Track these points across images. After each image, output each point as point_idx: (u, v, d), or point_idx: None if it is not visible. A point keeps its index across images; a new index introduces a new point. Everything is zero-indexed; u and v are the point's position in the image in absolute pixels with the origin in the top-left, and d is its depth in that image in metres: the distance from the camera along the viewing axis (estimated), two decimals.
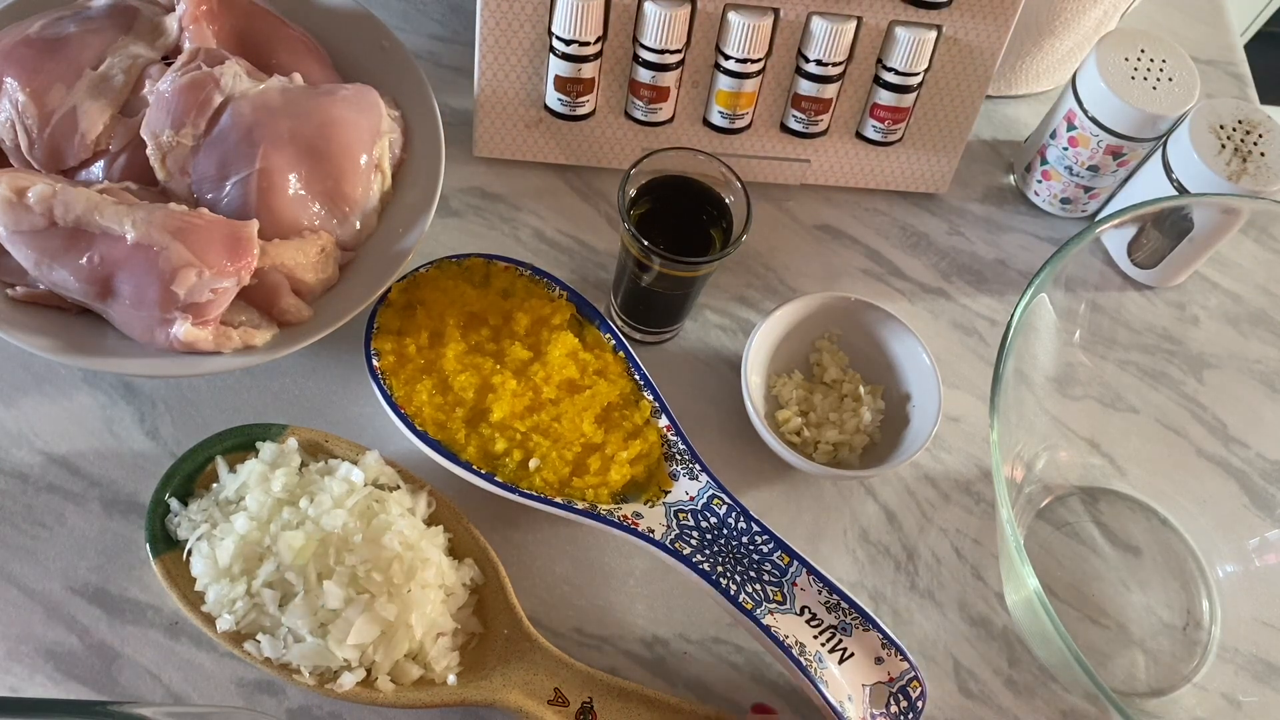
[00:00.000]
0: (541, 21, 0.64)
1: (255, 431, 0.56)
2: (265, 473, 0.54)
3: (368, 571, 0.51)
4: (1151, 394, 0.68)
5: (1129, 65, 0.68)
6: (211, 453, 0.56)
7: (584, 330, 0.62)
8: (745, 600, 0.54)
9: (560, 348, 0.60)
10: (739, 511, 0.57)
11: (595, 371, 0.61)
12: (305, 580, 0.51)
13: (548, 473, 0.57)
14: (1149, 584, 0.65)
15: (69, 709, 0.46)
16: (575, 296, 0.63)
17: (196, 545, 0.52)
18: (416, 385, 0.58)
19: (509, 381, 0.59)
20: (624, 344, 0.62)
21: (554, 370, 0.60)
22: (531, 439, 0.58)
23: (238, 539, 0.51)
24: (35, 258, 0.54)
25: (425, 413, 0.58)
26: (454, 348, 0.59)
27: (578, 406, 0.59)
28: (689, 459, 0.59)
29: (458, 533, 0.56)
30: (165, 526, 0.54)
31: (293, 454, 0.55)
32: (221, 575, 0.51)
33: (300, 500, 0.53)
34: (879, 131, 0.70)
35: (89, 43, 0.60)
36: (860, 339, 0.66)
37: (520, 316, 0.61)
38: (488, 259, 0.63)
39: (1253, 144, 0.66)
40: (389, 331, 0.60)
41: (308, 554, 0.51)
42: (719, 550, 0.56)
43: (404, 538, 0.52)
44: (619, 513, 0.57)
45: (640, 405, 0.60)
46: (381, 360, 0.59)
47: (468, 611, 0.55)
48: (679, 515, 0.57)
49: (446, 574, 0.54)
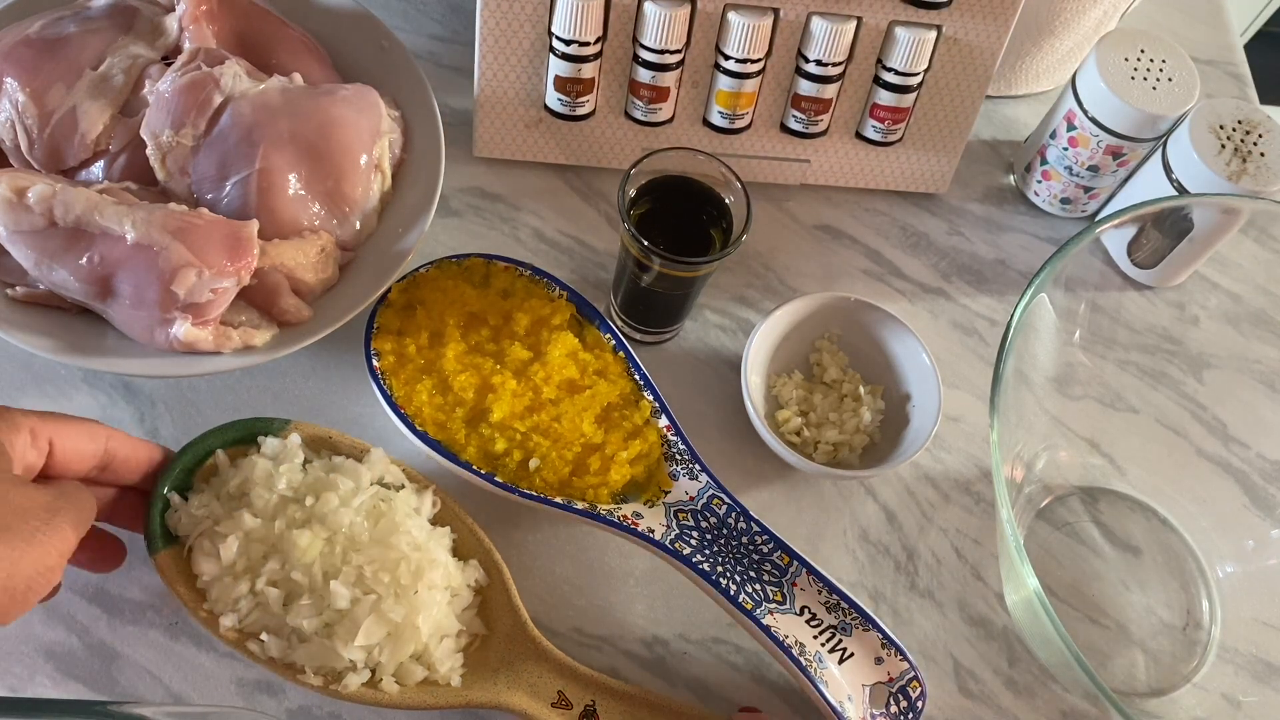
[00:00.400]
0: (541, 21, 0.64)
1: (258, 425, 0.55)
2: (269, 468, 0.53)
3: (375, 572, 0.50)
4: (1151, 394, 0.68)
5: (1129, 65, 0.68)
6: (212, 445, 0.54)
7: (584, 330, 0.62)
8: (745, 600, 0.54)
9: (560, 348, 0.60)
10: (739, 511, 0.57)
11: (595, 371, 0.61)
12: (311, 579, 0.50)
13: (548, 473, 0.57)
14: (1149, 584, 0.65)
15: (69, 709, 0.46)
16: (575, 296, 0.63)
17: (198, 542, 0.51)
18: (416, 385, 0.58)
19: (509, 381, 0.59)
20: (624, 344, 0.62)
21: (554, 370, 0.60)
22: (531, 439, 0.58)
23: (242, 536, 0.51)
24: (35, 258, 0.54)
25: (425, 413, 0.58)
26: (454, 348, 0.59)
27: (578, 406, 0.59)
28: (689, 459, 0.59)
29: (462, 533, 0.56)
30: (164, 522, 0.52)
31: (296, 449, 0.54)
32: (225, 572, 0.50)
33: (306, 498, 0.52)
34: (879, 131, 0.70)
35: (89, 43, 0.60)
36: (860, 339, 0.66)
37: (520, 316, 0.61)
38: (487, 259, 0.63)
39: (1253, 144, 0.66)
40: (389, 331, 0.60)
41: (314, 553, 0.50)
42: (719, 550, 0.56)
43: (412, 538, 0.52)
44: (619, 513, 0.57)
45: (640, 405, 0.60)
46: (381, 360, 0.59)
47: (472, 613, 0.55)
48: (679, 515, 0.57)
49: (453, 575, 0.53)
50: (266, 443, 0.54)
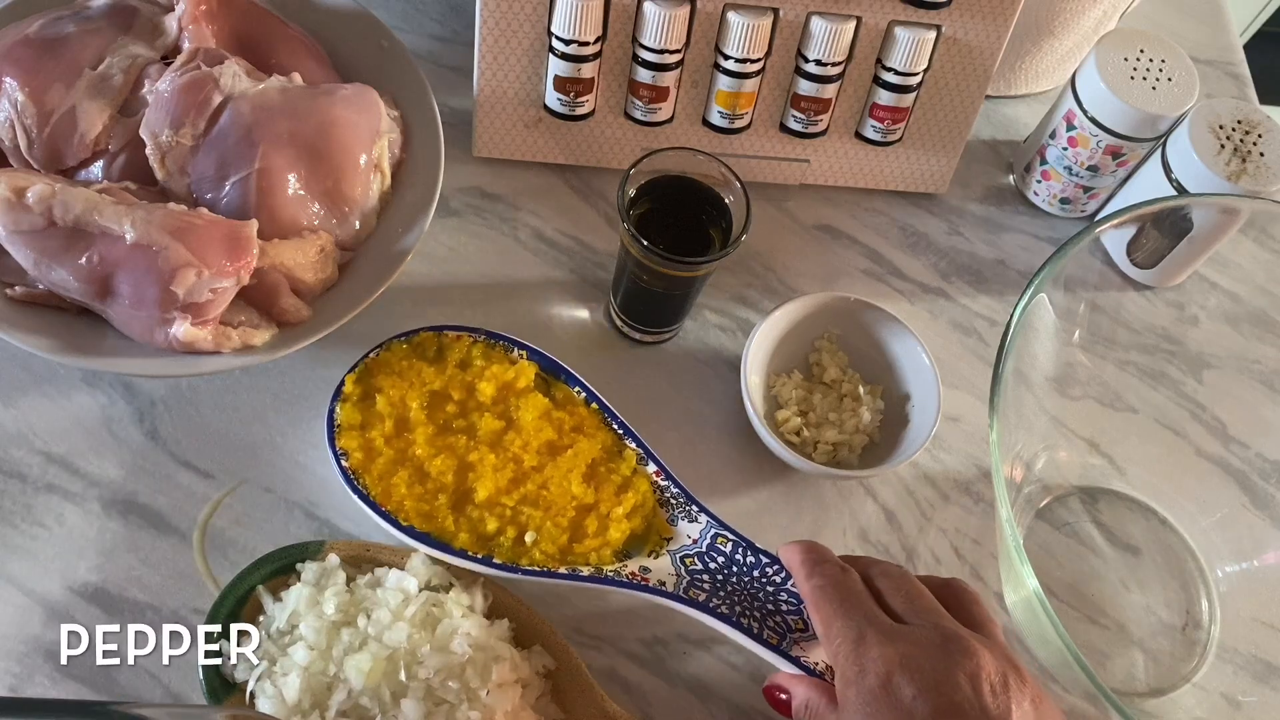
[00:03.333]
0: (541, 21, 0.64)
1: (292, 553, 0.54)
2: (314, 595, 0.51)
3: (442, 681, 0.49)
4: (1151, 394, 0.68)
5: (1128, 65, 0.68)
6: (252, 583, 0.53)
7: (551, 388, 0.60)
8: (770, 636, 0.53)
9: (531, 411, 0.58)
10: (744, 546, 0.56)
11: (572, 429, 0.59)
12: (380, 703, 0.49)
13: (546, 544, 0.55)
14: (1148, 584, 0.65)
15: (69, 709, 0.46)
16: (535, 354, 0.60)
17: (259, 686, 0.50)
18: (392, 479, 0.56)
19: (487, 456, 0.56)
20: (594, 394, 0.60)
21: (530, 436, 0.57)
22: (523, 512, 0.56)
23: (301, 672, 0.49)
24: (34, 258, 0.54)
25: (408, 505, 0.55)
26: (422, 431, 0.57)
27: (562, 469, 0.57)
28: (684, 501, 0.58)
29: (520, 620, 0.54)
30: (220, 671, 0.51)
31: (336, 570, 0.53)
32: (292, 713, 0.49)
33: (357, 619, 0.51)
34: (878, 131, 0.70)
35: (88, 43, 0.60)
36: (860, 339, 0.66)
37: (483, 386, 0.58)
38: (437, 330, 0.61)
39: (1252, 144, 0.66)
40: (351, 427, 0.57)
41: (378, 675, 0.49)
42: (732, 590, 0.54)
43: (472, 639, 0.50)
44: (626, 571, 0.55)
45: (625, 455, 0.58)
46: (350, 459, 0.56)
47: (546, 699, 0.53)
48: (685, 561, 0.56)
49: (520, 667, 0.52)
50: (306, 569, 0.53)
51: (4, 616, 0.55)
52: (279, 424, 0.61)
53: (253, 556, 0.54)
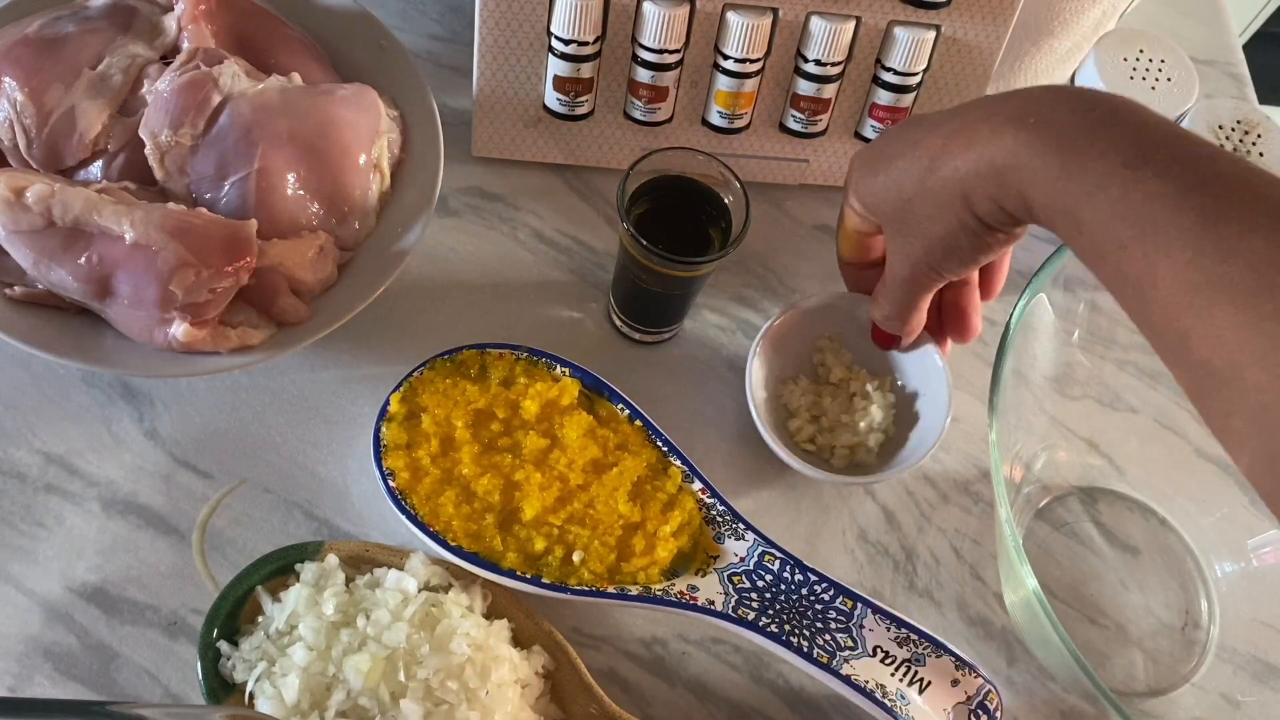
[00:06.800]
0: (540, 21, 0.64)
1: (291, 554, 0.54)
2: (313, 596, 0.52)
3: (442, 681, 0.49)
4: (1150, 394, 0.68)
5: (1128, 65, 0.68)
6: (250, 584, 0.53)
7: (595, 405, 0.60)
8: (820, 654, 0.53)
9: (575, 429, 0.58)
10: (792, 563, 0.56)
11: (617, 446, 0.58)
12: (380, 703, 0.49)
13: (594, 563, 0.55)
14: (1147, 584, 0.65)
15: (69, 709, 0.46)
16: (578, 371, 0.60)
17: (258, 686, 0.50)
18: (439, 499, 0.55)
19: (533, 475, 0.56)
20: (639, 412, 0.60)
21: (575, 454, 0.57)
22: (570, 531, 0.56)
23: (300, 672, 0.49)
24: (33, 257, 0.54)
25: (455, 525, 0.55)
26: (468, 450, 0.57)
27: (608, 487, 0.57)
28: (731, 519, 0.57)
29: (518, 621, 0.54)
30: (219, 672, 0.51)
31: (335, 571, 0.53)
32: (291, 713, 0.49)
33: (357, 619, 0.51)
34: (879, 131, 0.70)
35: (87, 42, 0.60)
36: (861, 336, 0.65)
37: (527, 404, 0.58)
38: (480, 349, 0.61)
39: (1251, 144, 0.66)
40: (397, 447, 0.57)
41: (377, 675, 0.49)
42: (781, 608, 0.54)
43: (471, 639, 0.50)
44: (674, 590, 0.55)
45: (670, 473, 0.58)
46: (396, 479, 0.56)
47: (545, 700, 0.53)
48: (733, 579, 0.55)
49: (519, 667, 0.52)
50: (305, 569, 0.53)
51: (3, 616, 0.55)
52: (278, 424, 0.61)
53: (252, 557, 0.54)
